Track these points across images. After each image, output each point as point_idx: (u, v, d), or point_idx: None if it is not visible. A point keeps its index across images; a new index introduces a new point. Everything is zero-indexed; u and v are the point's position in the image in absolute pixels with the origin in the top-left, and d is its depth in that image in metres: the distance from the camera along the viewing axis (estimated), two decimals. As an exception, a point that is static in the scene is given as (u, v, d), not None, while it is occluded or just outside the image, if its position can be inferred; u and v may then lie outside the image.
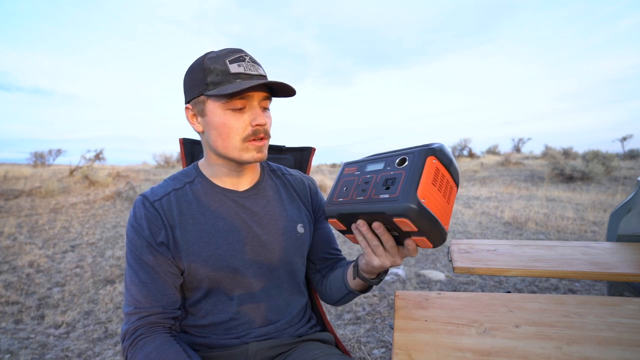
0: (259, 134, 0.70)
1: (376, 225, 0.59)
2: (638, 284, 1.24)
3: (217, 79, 0.67)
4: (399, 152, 0.62)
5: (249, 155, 0.71)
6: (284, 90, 0.72)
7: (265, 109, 0.73)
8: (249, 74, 0.68)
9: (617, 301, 0.65)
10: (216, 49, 0.72)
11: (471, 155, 16.02)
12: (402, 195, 0.54)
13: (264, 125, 0.70)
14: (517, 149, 19.00)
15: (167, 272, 0.70)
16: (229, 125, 0.69)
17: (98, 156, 11.02)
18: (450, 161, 0.60)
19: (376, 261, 0.63)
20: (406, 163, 0.59)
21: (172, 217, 0.71)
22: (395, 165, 0.60)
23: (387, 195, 0.57)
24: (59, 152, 13.30)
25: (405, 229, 0.57)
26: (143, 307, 0.67)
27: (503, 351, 0.52)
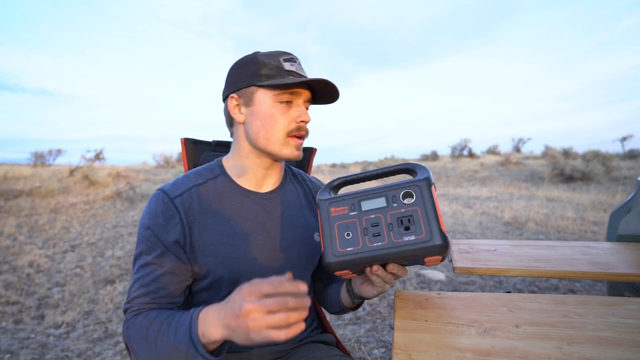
0: (302, 130, 0.72)
1: (391, 267, 0.60)
2: (638, 284, 1.24)
3: (271, 73, 0.70)
4: (397, 186, 0.60)
5: (288, 150, 0.72)
6: (325, 97, 0.76)
7: (307, 109, 0.75)
8: (300, 74, 0.72)
9: (617, 301, 0.65)
10: (263, 50, 0.76)
11: (471, 155, 16.02)
12: (431, 234, 0.55)
13: (308, 122, 0.73)
14: (517, 149, 19.00)
15: (177, 273, 0.67)
16: (276, 117, 0.70)
17: (98, 156, 11.01)
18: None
19: (376, 291, 0.68)
20: (415, 198, 0.58)
21: (192, 214, 0.69)
22: (402, 201, 0.58)
23: (412, 237, 0.55)
24: (59, 152, 13.28)
25: (431, 263, 0.59)
26: (143, 303, 0.65)
27: (503, 351, 0.52)
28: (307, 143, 1.08)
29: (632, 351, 0.50)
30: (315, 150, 1.08)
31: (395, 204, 0.58)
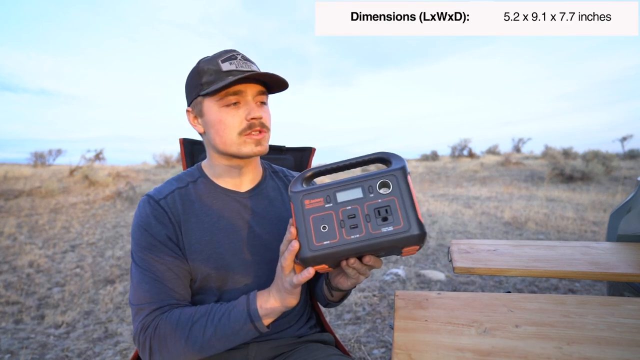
0: (255, 127, 0.71)
1: (367, 259, 0.58)
2: (638, 284, 1.24)
3: (210, 79, 0.69)
4: (372, 176, 0.58)
5: (248, 148, 0.71)
6: (277, 84, 0.73)
7: (262, 103, 0.74)
8: (241, 71, 0.69)
9: (617, 301, 0.65)
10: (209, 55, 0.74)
11: (471, 155, 16.01)
12: (409, 224, 0.54)
13: (260, 118, 0.71)
14: (517, 149, 18.99)
15: (178, 268, 0.69)
16: (224, 122, 0.70)
17: (98, 156, 11.02)
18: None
19: (350, 283, 0.67)
20: (392, 187, 0.57)
21: (177, 214, 0.71)
22: (378, 191, 0.57)
23: (390, 228, 0.54)
24: (59, 152, 13.28)
25: (408, 253, 0.58)
26: (156, 301, 0.66)
27: (503, 351, 0.52)
28: (307, 143, 1.08)
29: (631, 351, 0.50)
30: (314, 150, 1.08)
31: (372, 195, 0.57)
